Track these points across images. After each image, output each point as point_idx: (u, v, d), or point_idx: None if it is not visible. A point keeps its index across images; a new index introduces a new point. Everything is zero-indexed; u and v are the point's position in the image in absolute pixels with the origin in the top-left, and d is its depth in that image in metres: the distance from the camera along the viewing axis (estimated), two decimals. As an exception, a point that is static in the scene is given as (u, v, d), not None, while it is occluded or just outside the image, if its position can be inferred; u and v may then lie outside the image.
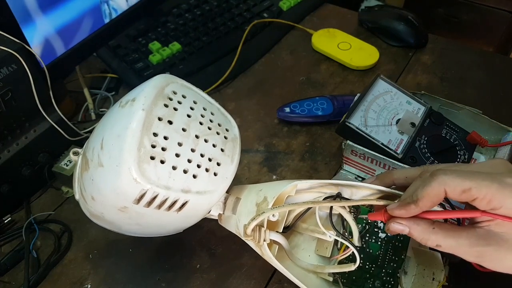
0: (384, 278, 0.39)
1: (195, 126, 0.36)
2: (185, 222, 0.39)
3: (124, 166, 0.32)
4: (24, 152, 0.48)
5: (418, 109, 0.51)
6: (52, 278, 0.44)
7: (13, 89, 0.45)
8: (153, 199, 0.34)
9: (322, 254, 0.41)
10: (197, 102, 0.38)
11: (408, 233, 0.34)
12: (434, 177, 0.32)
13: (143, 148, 0.33)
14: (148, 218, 0.36)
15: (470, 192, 0.31)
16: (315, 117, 0.58)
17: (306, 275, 0.40)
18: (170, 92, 0.37)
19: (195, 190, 0.35)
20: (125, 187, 0.33)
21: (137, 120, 0.33)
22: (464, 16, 1.37)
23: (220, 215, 0.41)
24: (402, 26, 0.69)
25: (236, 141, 0.39)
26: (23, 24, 0.49)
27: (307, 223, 0.41)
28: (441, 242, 0.33)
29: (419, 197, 0.32)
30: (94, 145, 0.35)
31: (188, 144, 0.35)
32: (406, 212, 0.33)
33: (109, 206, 0.35)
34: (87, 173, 0.35)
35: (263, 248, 0.37)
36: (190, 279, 0.44)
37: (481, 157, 0.51)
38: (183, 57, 0.66)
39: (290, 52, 0.70)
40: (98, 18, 0.59)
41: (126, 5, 0.62)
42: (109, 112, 0.38)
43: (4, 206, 0.49)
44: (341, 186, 0.40)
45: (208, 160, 0.36)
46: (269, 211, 0.35)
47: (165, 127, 0.34)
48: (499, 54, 0.73)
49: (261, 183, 0.41)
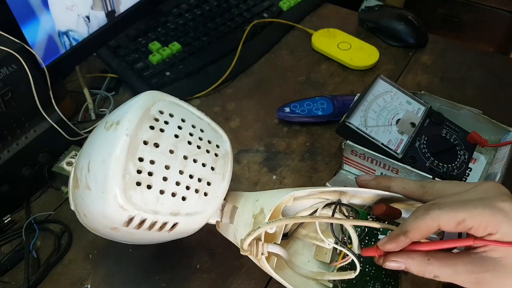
0: (385, 280, 0.39)
1: (183, 146, 0.35)
2: (179, 236, 0.38)
3: (109, 193, 0.32)
4: (24, 152, 0.48)
5: (418, 109, 0.51)
6: (52, 278, 0.44)
7: (13, 89, 0.45)
8: (141, 223, 0.33)
9: (322, 260, 0.40)
10: (186, 120, 0.37)
11: (405, 269, 0.33)
12: (428, 211, 0.32)
13: (128, 175, 0.32)
14: (140, 236, 0.36)
15: (464, 223, 0.31)
16: (315, 117, 0.58)
17: (305, 282, 0.39)
18: (156, 112, 0.35)
19: (185, 212, 0.34)
20: (112, 213, 0.32)
21: (121, 146, 0.32)
22: (464, 16, 1.37)
23: (218, 222, 0.40)
24: (402, 26, 0.69)
25: (228, 157, 0.38)
26: (23, 24, 0.49)
27: (307, 230, 0.41)
28: (438, 272, 0.32)
29: (408, 228, 0.33)
30: (82, 165, 0.34)
31: (176, 167, 0.34)
32: (396, 245, 0.33)
33: (100, 225, 0.35)
34: (78, 191, 0.35)
35: (262, 262, 0.36)
36: (190, 279, 0.44)
37: (481, 157, 0.51)
38: (183, 57, 0.66)
39: (290, 52, 0.70)
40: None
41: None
42: (96, 131, 0.37)
43: (4, 206, 0.49)
44: (340, 192, 0.39)
45: (198, 181, 0.35)
46: (265, 226, 0.35)
47: (151, 151, 0.33)
48: (499, 54, 0.73)
49: (258, 192, 0.40)
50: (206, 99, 0.63)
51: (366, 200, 0.40)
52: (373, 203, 0.40)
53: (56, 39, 0.54)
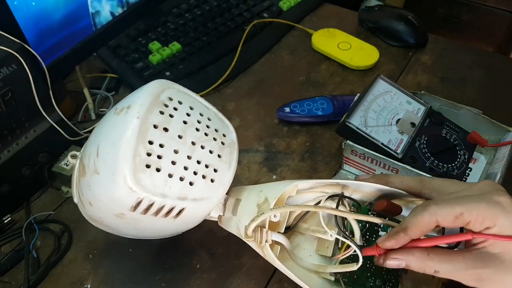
0: (385, 277, 0.39)
1: (192, 132, 0.36)
2: (183, 227, 0.39)
3: (119, 175, 0.32)
4: (24, 152, 0.48)
5: (418, 109, 0.51)
6: (52, 278, 0.44)
7: (13, 89, 0.45)
8: (149, 207, 0.34)
9: (323, 254, 0.41)
10: (194, 108, 0.38)
11: (406, 266, 0.34)
12: (426, 207, 0.32)
13: (138, 157, 0.32)
14: (145, 223, 0.36)
15: (462, 218, 0.31)
16: (315, 117, 0.58)
17: (307, 275, 0.39)
18: (166, 98, 0.36)
19: (192, 197, 0.35)
20: (120, 196, 0.33)
21: (132, 128, 0.33)
22: (464, 16, 1.37)
23: (220, 216, 0.40)
24: (402, 26, 0.69)
25: (234, 146, 0.39)
26: (23, 24, 0.49)
27: (308, 223, 0.41)
28: (438, 268, 0.33)
29: (408, 225, 0.33)
30: (91, 151, 0.35)
31: (184, 151, 0.35)
32: (396, 242, 0.34)
33: (106, 212, 0.35)
34: (84, 178, 0.35)
35: (265, 249, 0.37)
36: (190, 279, 0.44)
37: (481, 157, 0.51)
38: (183, 57, 0.66)
39: (290, 52, 0.70)
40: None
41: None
42: (105, 118, 0.37)
43: (4, 206, 0.49)
44: (341, 185, 0.40)
45: (205, 167, 0.35)
46: (269, 212, 0.35)
47: (160, 135, 0.34)
48: (499, 54, 0.73)
49: (262, 184, 0.41)
50: (206, 99, 0.62)
51: (367, 196, 0.40)
52: (374, 200, 0.40)
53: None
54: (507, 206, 0.31)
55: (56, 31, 0.54)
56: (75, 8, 0.55)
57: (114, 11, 0.61)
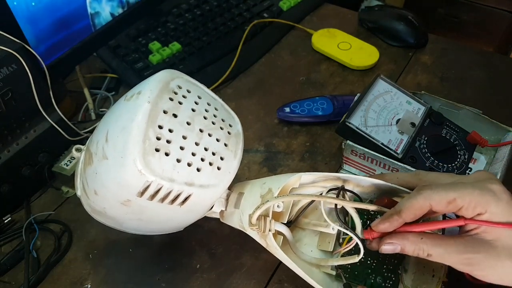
0: (386, 274, 0.39)
1: (200, 120, 0.36)
2: (187, 217, 0.39)
3: (129, 158, 0.32)
4: (24, 152, 0.48)
5: (418, 109, 0.51)
6: (52, 278, 0.44)
7: (13, 89, 0.45)
8: (157, 192, 0.34)
9: (324, 249, 0.41)
10: (201, 97, 0.38)
11: (401, 250, 0.34)
12: (420, 191, 0.33)
13: (148, 140, 0.33)
14: (150, 212, 0.36)
15: (455, 203, 0.32)
16: (315, 117, 0.58)
17: (309, 269, 0.40)
18: (175, 86, 0.37)
19: (199, 183, 0.35)
20: (129, 179, 0.33)
21: (143, 112, 0.34)
22: (464, 16, 1.37)
23: (222, 212, 0.41)
24: (402, 26, 0.69)
25: (239, 136, 0.39)
26: (23, 24, 0.49)
27: (309, 218, 0.42)
28: (431, 251, 0.33)
29: (402, 208, 0.33)
30: (99, 138, 0.35)
31: (193, 138, 0.35)
32: (389, 225, 0.34)
33: (112, 200, 0.35)
34: (90, 167, 0.35)
35: (268, 239, 0.37)
36: (190, 279, 0.44)
37: (481, 157, 0.51)
38: (183, 57, 0.66)
39: (290, 52, 0.70)
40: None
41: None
42: (114, 106, 0.38)
43: (4, 206, 0.49)
44: (342, 180, 0.40)
45: (212, 154, 0.36)
46: (274, 200, 0.36)
47: (170, 120, 0.34)
48: (499, 54, 0.73)
49: (265, 177, 0.41)
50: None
51: (367, 192, 0.41)
52: (374, 197, 0.41)
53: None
54: (499, 193, 0.32)
55: (56, 31, 0.54)
56: (74, 8, 0.56)
57: (114, 12, 0.61)
